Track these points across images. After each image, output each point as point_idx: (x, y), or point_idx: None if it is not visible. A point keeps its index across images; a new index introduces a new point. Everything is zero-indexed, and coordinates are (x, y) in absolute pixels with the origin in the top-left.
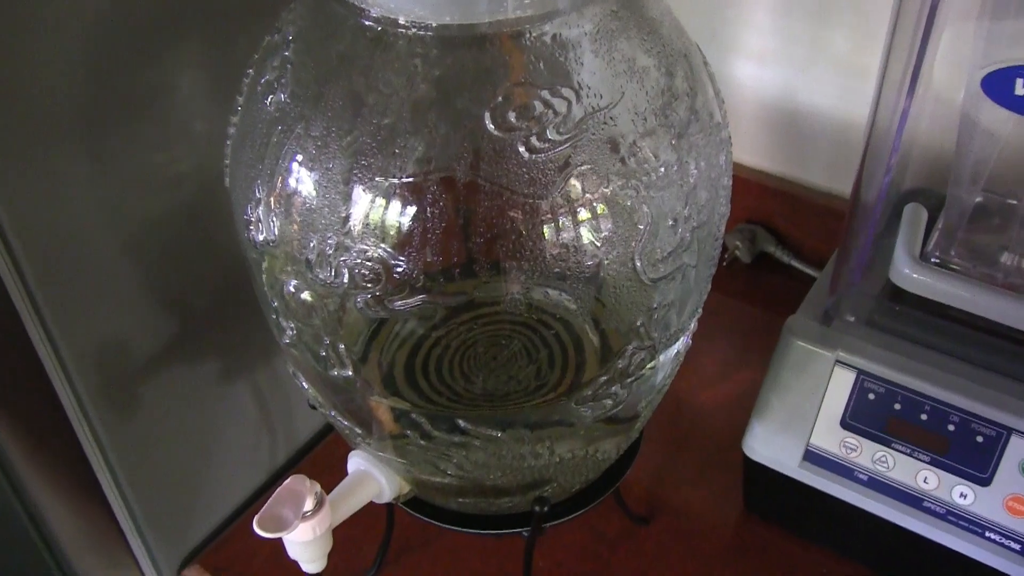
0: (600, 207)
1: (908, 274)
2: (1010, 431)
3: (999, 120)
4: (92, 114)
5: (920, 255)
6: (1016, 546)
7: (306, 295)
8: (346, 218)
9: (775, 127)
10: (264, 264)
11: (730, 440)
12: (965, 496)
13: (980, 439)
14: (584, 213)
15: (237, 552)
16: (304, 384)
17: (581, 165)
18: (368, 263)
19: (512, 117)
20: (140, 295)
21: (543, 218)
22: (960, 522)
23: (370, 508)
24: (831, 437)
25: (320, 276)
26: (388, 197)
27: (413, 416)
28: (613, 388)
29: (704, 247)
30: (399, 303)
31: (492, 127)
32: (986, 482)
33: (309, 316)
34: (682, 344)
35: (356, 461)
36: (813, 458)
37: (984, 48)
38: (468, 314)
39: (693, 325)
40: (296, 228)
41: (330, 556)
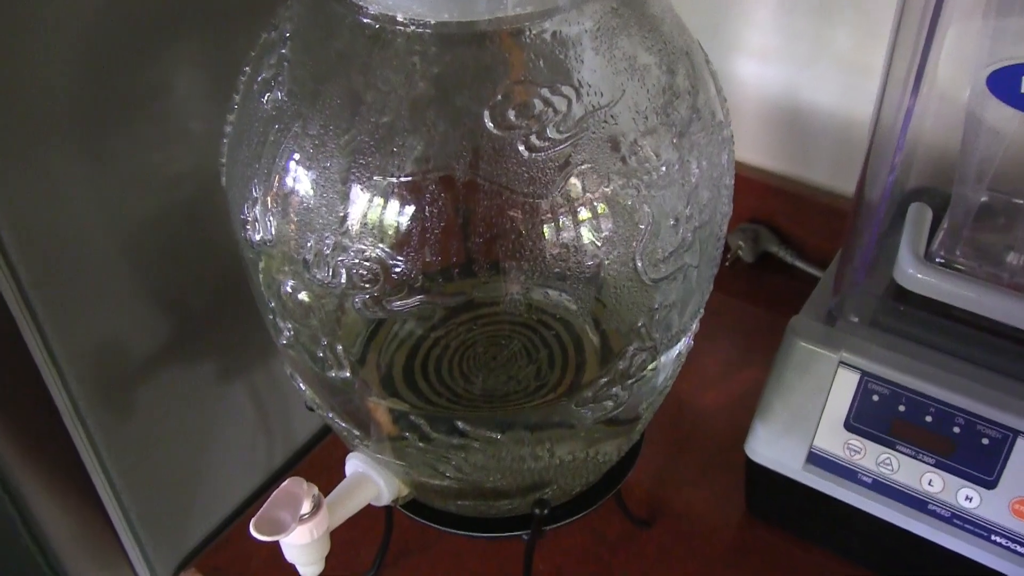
0: (601, 206)
1: (912, 274)
2: (1016, 433)
3: (1004, 118)
4: (89, 113)
5: (925, 255)
6: (1022, 549)
7: (303, 295)
8: (344, 218)
9: (778, 125)
10: (261, 264)
11: (732, 442)
12: (970, 499)
13: (986, 441)
14: (584, 213)
15: (234, 555)
16: (301, 385)
17: (581, 164)
18: (366, 263)
19: (512, 115)
20: (136, 295)
21: (543, 218)
22: (965, 525)
23: (368, 511)
24: (835, 439)
25: (317, 276)
26: (386, 196)
27: (412, 418)
28: (614, 389)
29: (706, 247)
30: (397, 303)
31: (491, 125)
32: (992, 485)
33: (306, 317)
34: (684, 345)
35: (354, 463)
36: (816, 460)
37: (989, 45)
38: (467, 315)
39: (695, 326)
40: (293, 228)
41: (328, 559)
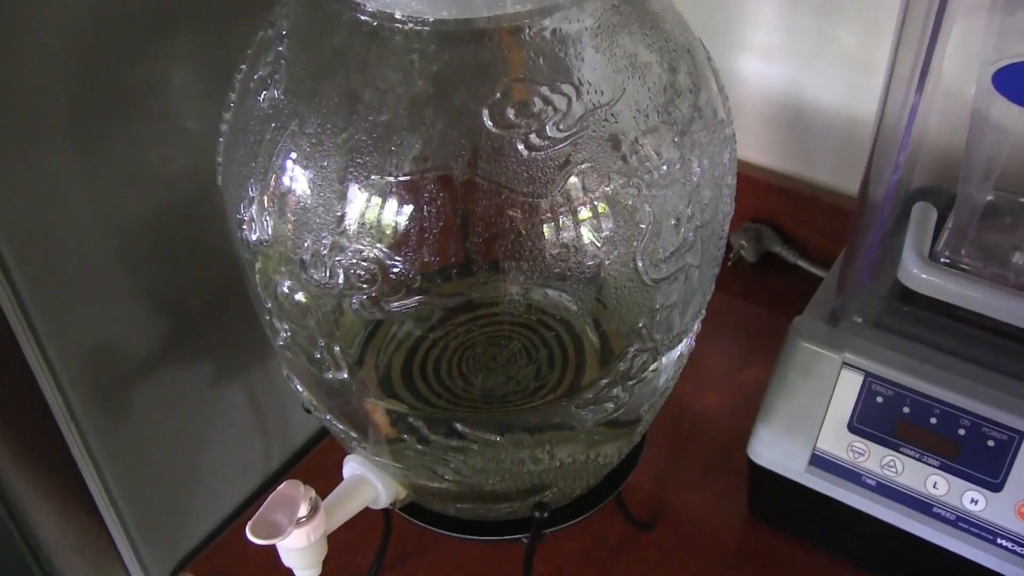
0: (601, 206)
1: (917, 274)
2: (1022, 435)
3: (1011, 116)
4: (84, 112)
5: (929, 255)
6: None
7: (300, 296)
8: (341, 217)
9: (780, 124)
10: (257, 264)
11: (734, 444)
12: (976, 502)
13: (991, 443)
14: (585, 212)
15: (230, 559)
16: (299, 387)
17: (581, 163)
18: (364, 263)
19: (511, 114)
20: (131, 296)
21: (543, 217)
22: (971, 528)
23: (366, 514)
24: (838, 441)
25: (315, 277)
26: (384, 196)
27: (410, 419)
28: (614, 391)
29: (708, 247)
30: (395, 304)
31: (491, 124)
32: (998, 487)
33: (303, 317)
34: (685, 346)
35: (352, 466)
36: (820, 462)
37: (995, 42)
38: (466, 315)
39: (696, 326)
40: (290, 227)
41: (325, 563)
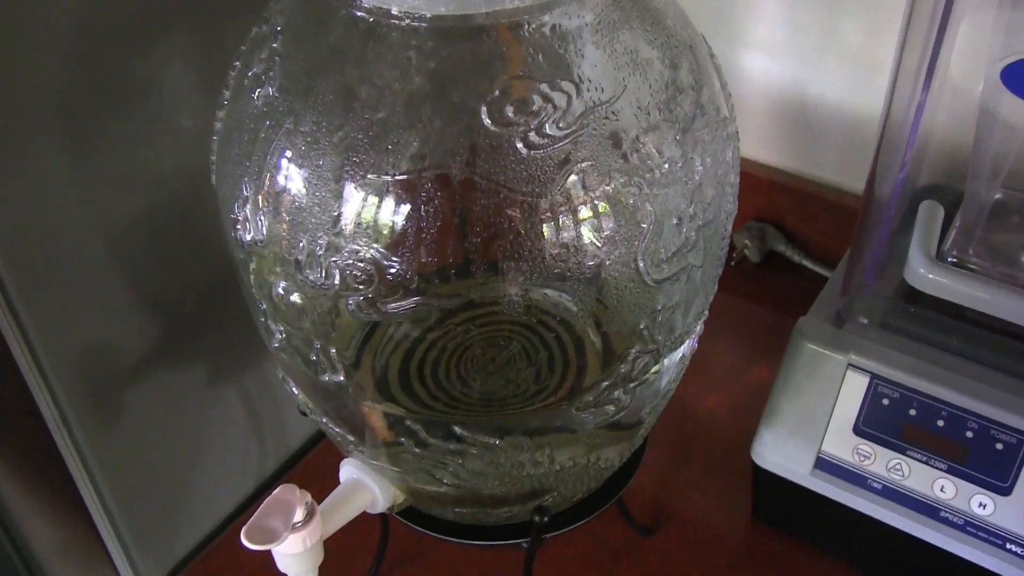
0: (601, 205)
1: (924, 274)
2: None
3: (1019, 113)
4: (74, 110)
5: (936, 254)
6: None
7: (296, 297)
8: (337, 217)
9: (784, 121)
10: (252, 265)
11: (738, 447)
12: (984, 506)
13: (1000, 446)
14: (585, 212)
15: (224, 565)
16: (294, 389)
17: (582, 162)
18: (360, 264)
19: (510, 111)
20: (123, 297)
21: (542, 217)
22: (979, 533)
23: (363, 518)
24: (843, 444)
25: (310, 277)
26: (381, 195)
27: (408, 423)
28: (615, 393)
29: (710, 247)
30: (392, 305)
31: (489, 122)
32: (1006, 491)
33: (299, 319)
34: (687, 347)
35: (349, 470)
36: (825, 466)
37: (1004, 38)
38: (465, 316)
39: (699, 327)
40: (285, 227)
41: (321, 569)
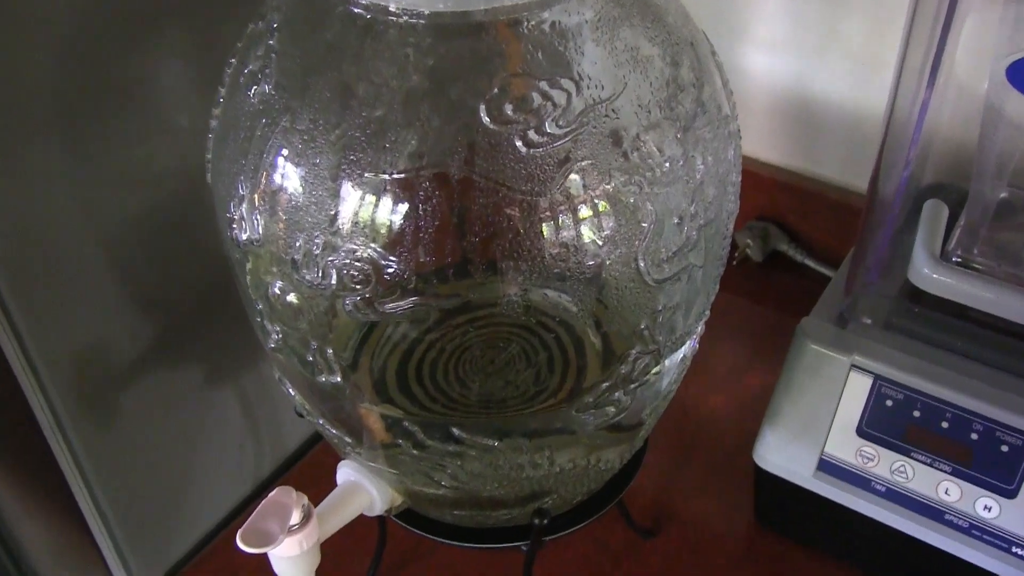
0: (602, 204)
1: (928, 274)
2: None
3: None
4: (68, 107)
5: (941, 254)
6: None
7: (292, 297)
8: (334, 216)
9: (787, 119)
10: (248, 264)
11: (740, 448)
12: (990, 509)
13: (1005, 448)
14: (585, 211)
15: (220, 568)
16: (291, 391)
17: (581, 160)
18: (357, 263)
19: (509, 109)
20: (118, 297)
21: (542, 216)
22: (984, 536)
23: (361, 521)
24: (847, 446)
25: (307, 277)
26: (378, 194)
27: (406, 424)
28: (616, 394)
29: (712, 246)
30: (390, 305)
31: (488, 120)
32: (1012, 494)
33: (295, 319)
34: (689, 348)
35: (346, 472)
36: (828, 468)
37: (1009, 35)
38: (463, 317)
39: (700, 328)
40: (281, 227)
41: (318, 572)
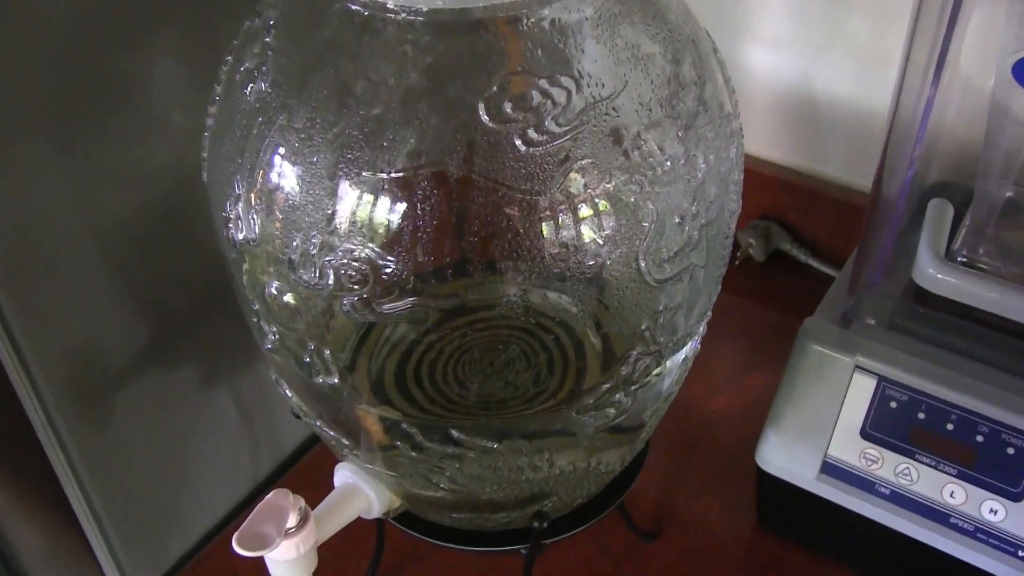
0: (602, 204)
1: (933, 274)
2: None
3: None
4: (62, 105)
5: (946, 254)
6: None
7: (289, 297)
8: (331, 215)
9: (790, 117)
10: (244, 264)
11: (742, 451)
12: (995, 512)
13: (1011, 451)
14: (585, 210)
15: (216, 572)
16: (288, 392)
17: (582, 159)
18: (355, 263)
19: (508, 108)
20: (113, 297)
21: (541, 215)
22: (990, 540)
23: (359, 524)
24: (850, 448)
25: (304, 277)
26: (376, 193)
27: (404, 426)
28: (616, 396)
29: (713, 246)
30: (388, 306)
31: (487, 118)
32: (1018, 497)
33: (292, 320)
34: (690, 349)
35: (343, 474)
36: (831, 470)
37: (1016, 32)
38: (462, 318)
39: (702, 328)
40: (278, 226)
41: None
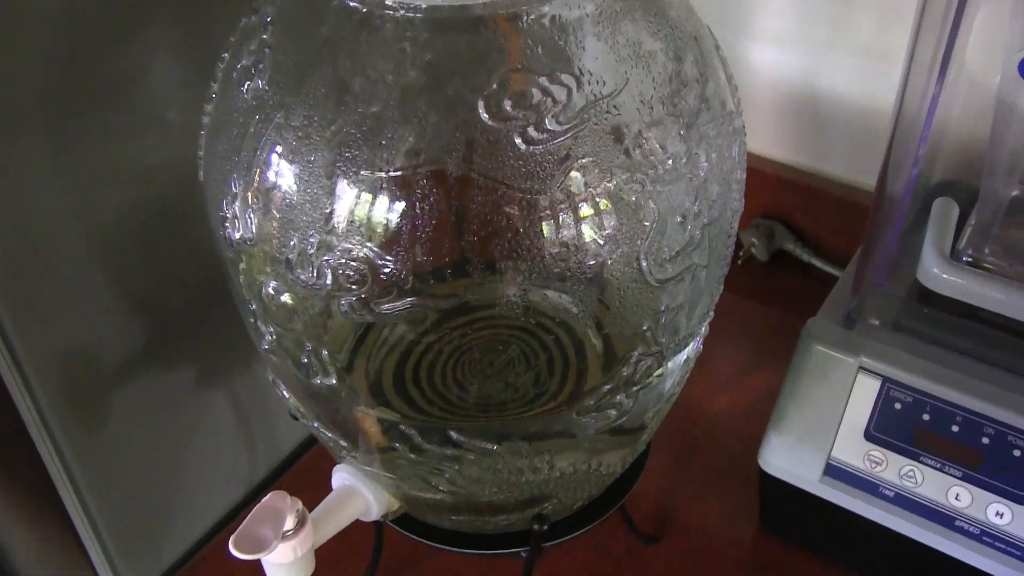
0: (603, 203)
1: (938, 274)
2: None
3: None
4: (56, 102)
5: (951, 253)
6: None
7: (286, 297)
8: (329, 215)
9: (793, 115)
10: (241, 264)
11: (745, 453)
12: (1001, 515)
13: (1017, 453)
14: (586, 209)
15: (212, 575)
16: (285, 393)
17: (582, 157)
18: (353, 263)
19: (508, 105)
20: (108, 298)
21: (542, 214)
22: (996, 543)
23: (357, 526)
24: (854, 450)
25: (301, 277)
26: (374, 192)
27: (402, 428)
28: (617, 397)
29: (716, 245)
30: (386, 306)
31: (487, 116)
32: None
33: (290, 320)
34: (692, 350)
35: (341, 476)
36: (835, 472)
37: (1022, 29)
38: (461, 318)
39: (704, 329)
40: (275, 225)
41: None
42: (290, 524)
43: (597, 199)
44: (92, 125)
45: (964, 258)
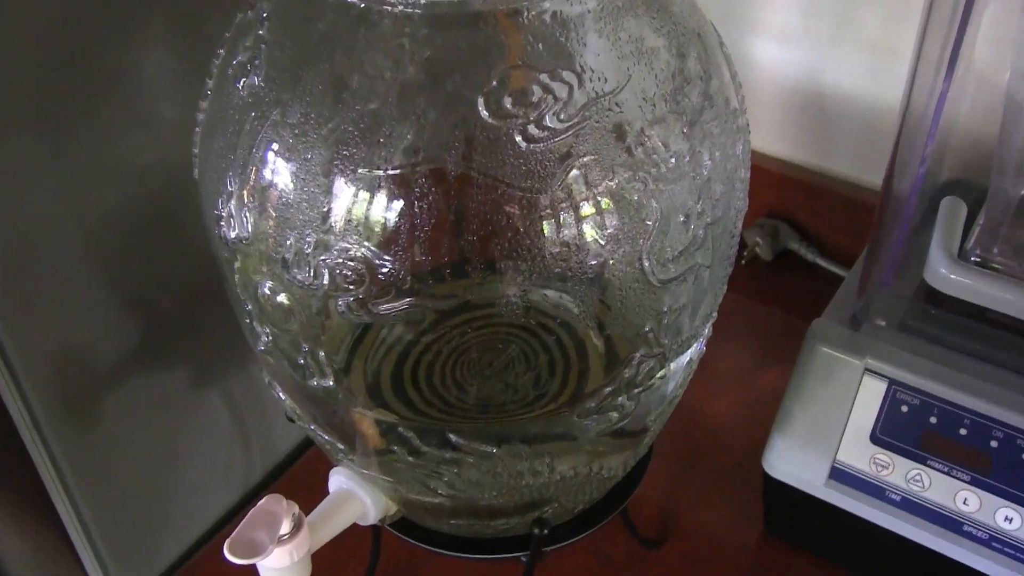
0: (604, 202)
1: (945, 274)
2: None
3: None
4: (49, 99)
5: (959, 253)
6: None
7: (283, 298)
8: (326, 213)
9: (798, 112)
10: (237, 263)
11: (749, 456)
12: (1010, 520)
13: None
14: (587, 208)
15: None
16: (281, 395)
17: (584, 156)
18: (350, 263)
19: (508, 103)
20: (101, 296)
21: (542, 214)
22: (1005, 548)
23: (354, 530)
24: (860, 453)
25: (298, 277)
26: (372, 190)
27: (400, 430)
28: (619, 399)
29: (719, 245)
30: (384, 306)
31: (486, 114)
32: None
33: (286, 320)
34: (695, 351)
35: (338, 479)
36: (840, 476)
37: None
38: (460, 318)
39: (707, 330)
40: (271, 224)
41: None
42: (286, 528)
43: (598, 198)
44: (85, 123)
45: (972, 258)
